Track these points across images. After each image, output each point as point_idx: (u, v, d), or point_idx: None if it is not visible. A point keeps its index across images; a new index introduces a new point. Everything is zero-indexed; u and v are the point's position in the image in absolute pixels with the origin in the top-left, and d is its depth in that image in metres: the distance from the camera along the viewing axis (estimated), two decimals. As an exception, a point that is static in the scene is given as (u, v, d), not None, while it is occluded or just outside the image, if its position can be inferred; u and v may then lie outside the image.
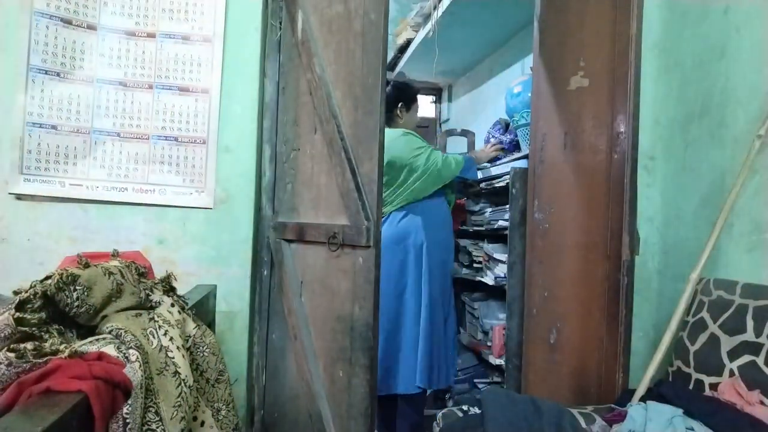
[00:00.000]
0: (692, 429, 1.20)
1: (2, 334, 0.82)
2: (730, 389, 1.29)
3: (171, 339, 1.06)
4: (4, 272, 1.77)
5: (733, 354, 1.34)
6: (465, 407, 1.44)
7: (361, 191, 1.59)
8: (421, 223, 2.33)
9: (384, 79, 1.57)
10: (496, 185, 2.41)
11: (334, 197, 1.72)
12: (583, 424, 1.33)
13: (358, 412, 1.54)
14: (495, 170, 2.47)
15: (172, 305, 1.19)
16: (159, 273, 1.33)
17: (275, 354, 1.94)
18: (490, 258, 2.49)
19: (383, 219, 2.40)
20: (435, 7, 2.91)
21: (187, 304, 1.30)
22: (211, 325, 1.70)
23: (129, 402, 0.84)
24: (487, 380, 2.67)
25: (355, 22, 1.67)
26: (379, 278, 1.56)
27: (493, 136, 2.69)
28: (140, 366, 0.90)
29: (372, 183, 1.57)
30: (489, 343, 2.55)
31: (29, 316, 0.85)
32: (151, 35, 1.86)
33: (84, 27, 1.81)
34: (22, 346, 0.79)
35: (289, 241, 1.89)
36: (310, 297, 1.81)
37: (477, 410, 1.34)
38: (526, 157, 2.16)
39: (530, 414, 1.27)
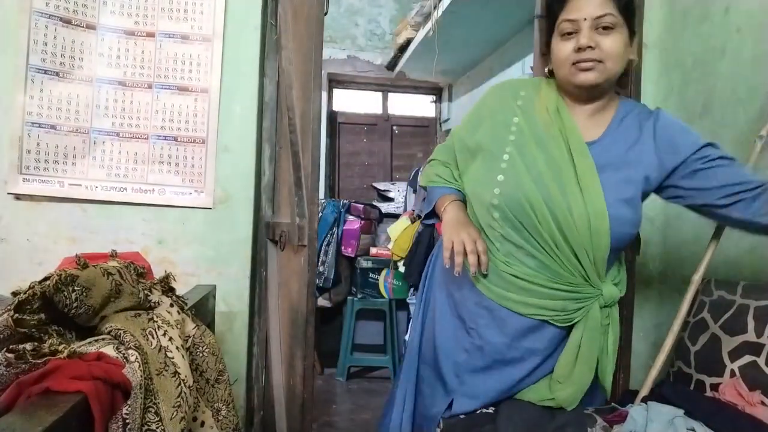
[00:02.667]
0: (693, 430, 1.20)
1: (1, 336, 0.82)
2: (731, 390, 1.29)
3: (170, 339, 1.06)
4: (3, 273, 1.77)
5: (734, 354, 1.33)
6: None
7: (301, 186, 1.53)
8: None
9: (320, 58, 1.45)
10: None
11: (289, 193, 1.69)
12: (586, 427, 1.33)
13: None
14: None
15: (171, 305, 1.19)
16: (158, 273, 1.33)
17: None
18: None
19: None
20: (435, 7, 2.91)
21: (186, 304, 1.30)
22: (210, 325, 1.69)
23: (128, 402, 0.84)
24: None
25: (305, 5, 1.62)
26: (314, 281, 1.47)
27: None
28: (139, 366, 0.90)
29: (307, 177, 1.49)
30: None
31: (28, 317, 0.84)
32: (151, 34, 1.86)
33: (83, 26, 1.81)
34: (21, 346, 0.79)
35: (274, 241, 1.89)
36: (283, 299, 1.80)
37: (486, 409, 1.34)
38: (526, 157, 2.16)
39: (545, 418, 1.27)
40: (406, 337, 2.74)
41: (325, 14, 1.53)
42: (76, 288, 0.92)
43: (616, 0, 1.17)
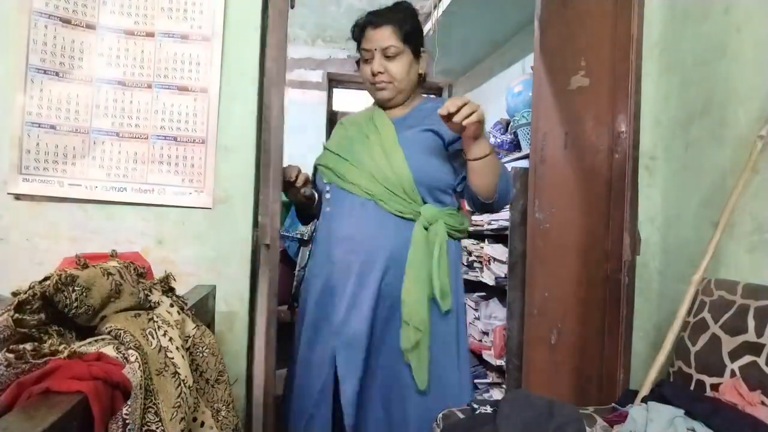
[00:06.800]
0: (693, 430, 1.20)
1: (1, 336, 0.82)
2: (731, 390, 1.29)
3: (170, 339, 1.05)
4: (3, 273, 1.77)
5: (735, 354, 1.33)
6: (476, 405, 1.45)
7: (267, 185, 1.58)
8: None
9: (284, 52, 1.54)
10: (496, 185, 2.41)
11: None
12: (584, 425, 1.33)
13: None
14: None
15: (171, 305, 1.19)
16: (158, 273, 1.33)
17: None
18: (491, 258, 2.49)
19: None
20: (435, 7, 2.91)
21: (186, 304, 1.30)
22: (210, 325, 1.69)
23: (128, 402, 0.84)
24: (487, 380, 2.67)
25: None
26: (276, 281, 1.54)
27: (493, 136, 2.69)
28: (139, 366, 0.90)
29: (273, 173, 1.57)
30: (489, 344, 2.55)
31: (28, 318, 0.84)
32: (150, 34, 1.85)
33: (83, 26, 1.80)
34: (21, 347, 0.79)
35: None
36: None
37: (486, 409, 1.34)
38: (526, 156, 2.16)
39: (543, 417, 1.27)
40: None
41: (292, 8, 1.58)
42: (76, 288, 0.92)
43: (398, 32, 1.62)
